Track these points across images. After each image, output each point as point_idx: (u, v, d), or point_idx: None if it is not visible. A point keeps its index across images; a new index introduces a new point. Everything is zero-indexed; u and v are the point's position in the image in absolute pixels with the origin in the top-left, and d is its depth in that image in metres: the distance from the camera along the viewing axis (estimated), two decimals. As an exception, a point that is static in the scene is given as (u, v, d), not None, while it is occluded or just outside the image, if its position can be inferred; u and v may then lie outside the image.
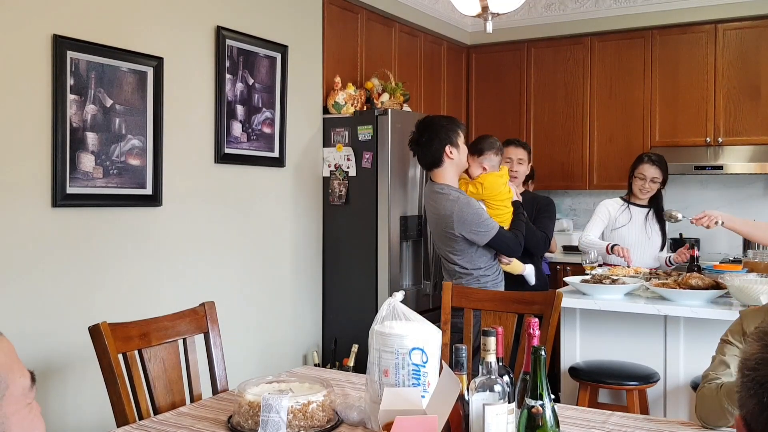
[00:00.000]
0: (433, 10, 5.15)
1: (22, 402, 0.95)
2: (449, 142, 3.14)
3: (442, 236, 3.19)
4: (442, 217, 3.13)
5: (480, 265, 3.15)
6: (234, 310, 3.57)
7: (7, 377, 0.93)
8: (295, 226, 4.02)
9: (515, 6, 2.96)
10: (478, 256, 3.15)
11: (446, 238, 3.16)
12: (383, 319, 1.76)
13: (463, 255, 3.15)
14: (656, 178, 3.89)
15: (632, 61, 5.18)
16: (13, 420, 0.93)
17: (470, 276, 3.16)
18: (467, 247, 3.13)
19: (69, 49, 2.78)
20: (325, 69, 4.20)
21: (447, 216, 3.10)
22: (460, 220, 3.07)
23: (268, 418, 1.63)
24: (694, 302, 3.01)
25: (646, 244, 3.89)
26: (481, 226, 3.08)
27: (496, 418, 1.47)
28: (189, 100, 3.34)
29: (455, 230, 3.09)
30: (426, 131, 3.17)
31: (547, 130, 5.48)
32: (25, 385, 0.96)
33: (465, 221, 3.07)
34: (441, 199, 3.15)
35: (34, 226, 2.72)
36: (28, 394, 0.97)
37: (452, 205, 3.09)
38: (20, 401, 0.95)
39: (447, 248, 3.19)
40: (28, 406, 0.96)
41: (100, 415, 2.87)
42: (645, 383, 3.01)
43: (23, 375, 0.96)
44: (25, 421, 0.95)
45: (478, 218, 3.08)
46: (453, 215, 3.07)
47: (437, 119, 3.26)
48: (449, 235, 3.13)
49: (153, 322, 2.15)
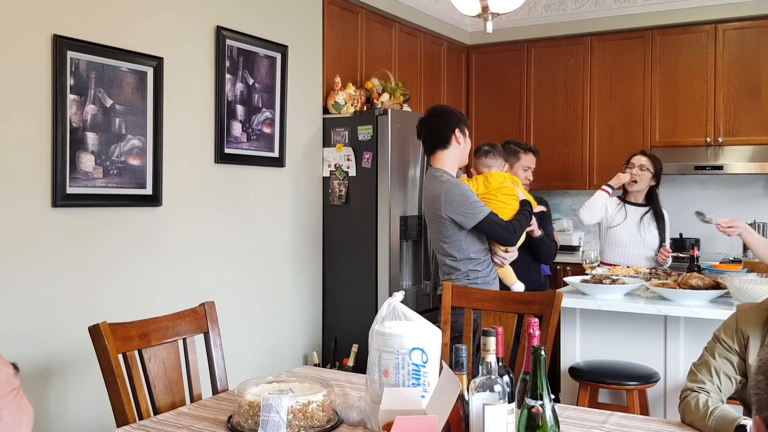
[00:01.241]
0: (433, 10, 5.15)
1: (7, 388, 1.01)
2: (458, 128, 3.20)
3: (433, 222, 3.19)
4: (431, 199, 3.14)
5: (470, 254, 3.11)
6: (234, 309, 3.57)
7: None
8: (295, 226, 4.02)
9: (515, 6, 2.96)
10: (468, 244, 3.12)
11: (436, 224, 3.15)
12: (383, 319, 1.76)
13: (452, 241, 3.12)
14: (644, 165, 3.90)
15: (632, 61, 5.18)
16: (1, 403, 0.99)
17: (459, 271, 3.11)
18: (456, 232, 3.10)
19: (69, 49, 2.78)
20: (325, 69, 4.20)
21: (436, 197, 3.10)
22: (447, 200, 3.07)
23: (268, 418, 1.63)
24: (694, 302, 3.02)
25: (639, 244, 3.89)
26: (469, 208, 3.06)
27: (496, 418, 1.47)
28: (189, 100, 3.34)
29: (442, 212, 3.08)
30: (438, 115, 3.24)
31: (547, 130, 5.48)
32: (8, 372, 1.02)
33: (452, 202, 3.06)
34: (433, 181, 3.18)
35: (34, 225, 2.72)
36: (13, 381, 1.03)
37: (441, 186, 3.11)
38: (5, 387, 1.01)
39: (438, 235, 3.17)
40: (14, 391, 1.02)
41: (100, 415, 2.87)
42: (645, 383, 3.01)
43: (4, 364, 1.03)
44: (12, 404, 1.01)
45: (465, 200, 3.07)
46: (441, 195, 3.08)
47: (449, 108, 3.34)
48: (438, 219, 3.12)
49: (153, 322, 2.15)
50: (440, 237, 3.17)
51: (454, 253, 3.13)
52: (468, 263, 3.13)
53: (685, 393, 1.85)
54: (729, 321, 1.94)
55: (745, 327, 1.88)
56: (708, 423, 1.71)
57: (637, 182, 3.91)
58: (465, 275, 3.12)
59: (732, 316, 1.94)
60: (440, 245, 3.19)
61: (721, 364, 1.88)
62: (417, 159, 4.20)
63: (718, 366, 1.88)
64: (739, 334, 1.89)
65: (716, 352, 1.90)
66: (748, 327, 1.87)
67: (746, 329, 1.87)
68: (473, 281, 3.11)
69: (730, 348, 1.89)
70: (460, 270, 3.12)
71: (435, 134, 3.22)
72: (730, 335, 1.90)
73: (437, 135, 3.21)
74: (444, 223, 3.11)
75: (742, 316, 1.90)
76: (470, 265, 3.13)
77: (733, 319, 1.93)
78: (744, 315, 1.91)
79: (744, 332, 1.87)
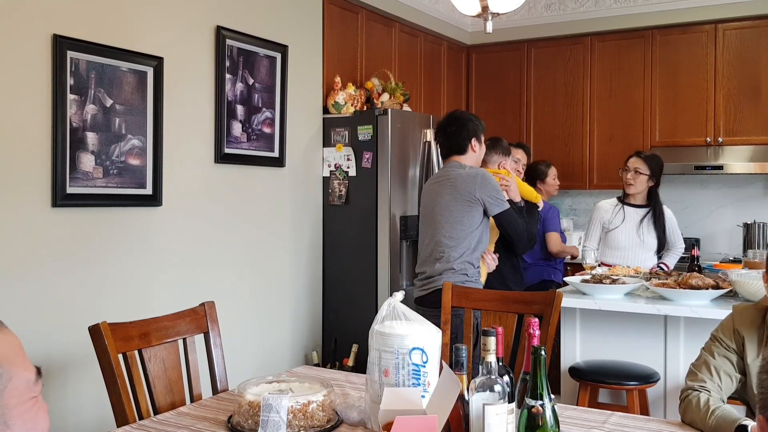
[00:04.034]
0: (433, 10, 5.15)
1: (26, 395, 0.95)
2: (475, 136, 3.27)
3: (451, 202, 3.14)
4: (465, 179, 3.14)
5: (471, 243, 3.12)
6: (234, 309, 3.57)
7: (10, 370, 0.93)
8: (295, 226, 4.02)
9: (515, 6, 2.96)
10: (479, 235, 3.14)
11: (456, 202, 3.13)
12: (383, 319, 1.76)
13: (463, 223, 3.11)
14: (639, 168, 3.89)
15: (632, 61, 5.18)
16: (14, 412, 0.93)
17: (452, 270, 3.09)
18: (472, 217, 3.11)
19: (69, 49, 2.78)
20: (325, 69, 4.20)
21: (472, 177, 3.14)
22: (484, 182, 3.13)
23: (268, 418, 1.63)
24: (694, 302, 3.01)
25: (638, 247, 3.87)
26: (500, 195, 3.17)
27: (497, 418, 1.47)
28: (189, 100, 3.34)
29: (476, 191, 3.11)
30: (455, 122, 3.27)
31: (547, 130, 5.48)
32: (29, 378, 0.96)
33: (488, 185, 3.13)
34: (460, 168, 3.21)
35: (34, 226, 2.72)
36: (33, 388, 0.96)
37: (475, 171, 3.19)
38: (24, 394, 0.95)
39: (450, 216, 3.13)
40: (33, 400, 0.96)
41: (100, 415, 2.87)
42: (645, 383, 3.01)
43: (28, 369, 0.96)
44: (28, 414, 0.95)
45: (497, 187, 3.19)
46: (478, 177, 3.14)
47: (467, 113, 3.40)
48: (467, 197, 3.12)
49: (153, 322, 2.15)
50: (453, 218, 3.13)
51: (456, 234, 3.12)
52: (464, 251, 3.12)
53: (686, 392, 1.85)
54: (726, 321, 1.95)
55: (740, 327, 1.89)
56: (709, 422, 1.71)
57: (633, 185, 3.90)
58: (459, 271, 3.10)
59: (728, 317, 1.96)
60: (445, 228, 3.14)
61: (721, 363, 1.89)
62: (417, 159, 4.20)
63: (718, 365, 1.88)
64: (736, 334, 1.90)
65: (715, 351, 1.91)
66: (743, 327, 1.88)
67: (742, 329, 1.88)
68: (463, 272, 3.10)
69: (729, 347, 1.90)
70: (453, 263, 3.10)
71: (451, 141, 3.28)
72: (728, 335, 1.91)
73: (454, 142, 3.27)
74: (473, 205, 3.12)
75: (738, 317, 1.92)
76: (466, 254, 3.12)
77: (730, 320, 1.94)
78: (740, 315, 1.92)
79: (740, 332, 1.88)
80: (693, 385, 1.86)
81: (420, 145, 4.22)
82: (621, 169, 4.01)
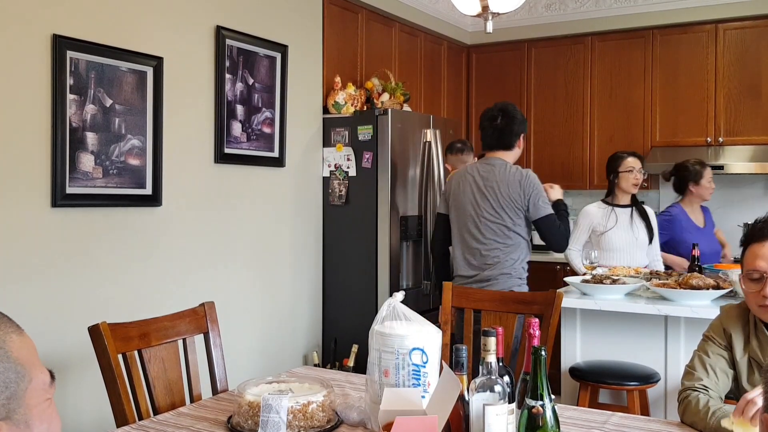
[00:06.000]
0: (433, 9, 5.15)
1: (43, 396, 0.99)
2: (524, 132, 3.24)
3: (504, 206, 3.09)
4: (508, 183, 3.09)
5: (524, 247, 3.14)
6: (234, 310, 3.57)
7: (31, 371, 0.97)
8: (295, 226, 4.02)
9: (515, 6, 2.96)
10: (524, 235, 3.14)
11: (508, 207, 3.09)
12: (383, 320, 1.75)
13: (516, 228, 3.10)
14: (641, 167, 3.91)
15: (632, 61, 5.18)
16: (34, 412, 0.97)
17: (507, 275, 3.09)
18: (522, 220, 3.10)
19: (69, 49, 2.78)
20: (325, 69, 4.19)
21: (517, 180, 3.08)
22: (530, 185, 3.08)
23: (268, 418, 1.63)
24: (694, 302, 3.01)
25: (634, 244, 3.87)
26: (543, 199, 3.11)
27: (497, 419, 1.47)
28: (189, 100, 3.34)
29: (523, 192, 3.07)
30: (505, 115, 3.20)
31: (547, 130, 5.48)
32: (45, 380, 1.01)
33: (534, 188, 3.09)
34: (503, 167, 3.14)
35: (34, 226, 2.71)
36: (49, 390, 1.01)
37: (519, 171, 3.12)
38: (41, 395, 0.99)
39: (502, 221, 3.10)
40: (48, 401, 1.01)
41: (100, 415, 2.87)
42: (645, 383, 3.01)
43: (43, 371, 1.01)
44: (45, 414, 0.99)
45: (542, 190, 3.14)
46: (525, 179, 3.09)
47: (516, 107, 3.29)
48: (512, 199, 3.08)
49: (153, 322, 2.14)
50: (510, 224, 3.10)
51: (516, 244, 3.11)
52: (522, 261, 3.14)
53: (685, 393, 1.86)
54: (715, 321, 2.04)
55: (727, 325, 1.98)
56: (709, 422, 1.72)
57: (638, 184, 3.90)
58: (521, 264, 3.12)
59: (717, 317, 2.05)
60: (506, 237, 3.11)
61: (715, 360, 1.95)
62: (417, 159, 4.20)
63: (713, 362, 1.94)
64: (725, 332, 1.98)
65: (709, 349, 1.97)
66: (730, 324, 1.97)
67: (728, 327, 1.97)
68: (512, 268, 3.11)
69: (721, 344, 1.97)
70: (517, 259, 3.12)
71: (500, 135, 3.19)
72: (719, 333, 1.99)
73: (502, 136, 3.19)
74: (519, 208, 3.09)
75: (725, 315, 2.01)
76: (523, 263, 3.15)
77: (719, 319, 2.03)
78: (726, 314, 2.01)
79: (728, 330, 1.97)
80: (691, 386, 1.88)
81: (420, 145, 4.22)
82: (619, 171, 3.94)
